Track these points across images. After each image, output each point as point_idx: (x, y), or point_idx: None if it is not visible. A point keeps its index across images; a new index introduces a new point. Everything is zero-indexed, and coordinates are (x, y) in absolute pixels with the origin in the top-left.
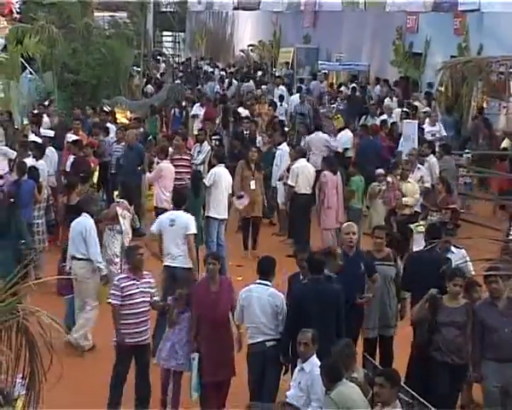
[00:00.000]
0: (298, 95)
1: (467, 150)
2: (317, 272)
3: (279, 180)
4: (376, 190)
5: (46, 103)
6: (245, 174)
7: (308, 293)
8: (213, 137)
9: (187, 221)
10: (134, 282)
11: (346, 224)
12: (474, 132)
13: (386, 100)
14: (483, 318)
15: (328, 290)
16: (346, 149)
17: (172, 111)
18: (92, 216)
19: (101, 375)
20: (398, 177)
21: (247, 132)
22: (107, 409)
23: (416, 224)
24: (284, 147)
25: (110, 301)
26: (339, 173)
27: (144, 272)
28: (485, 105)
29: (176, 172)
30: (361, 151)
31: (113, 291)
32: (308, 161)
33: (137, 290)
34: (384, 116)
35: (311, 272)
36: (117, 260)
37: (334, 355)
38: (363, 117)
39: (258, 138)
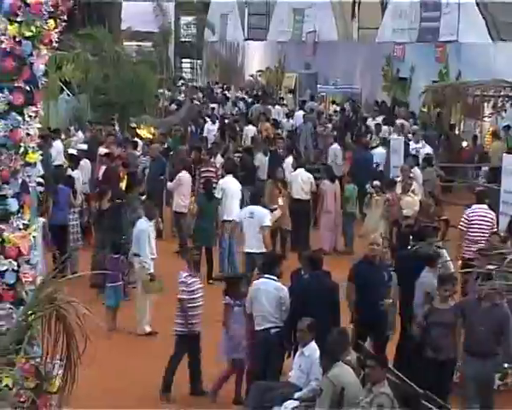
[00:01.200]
0: (301, 112)
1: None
2: (315, 268)
3: None
4: (373, 200)
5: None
6: (273, 193)
7: (308, 287)
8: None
9: (263, 215)
10: (196, 279)
11: (372, 236)
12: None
13: (369, 120)
14: (466, 315)
15: (325, 284)
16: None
17: (189, 128)
18: (151, 220)
19: (128, 358)
20: (399, 191)
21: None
22: (162, 392)
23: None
24: (288, 159)
25: (179, 296)
26: (337, 182)
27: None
28: (462, 124)
29: (203, 177)
30: (355, 163)
31: (181, 287)
32: None
33: (199, 286)
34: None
35: (311, 268)
36: None
37: (331, 341)
38: (355, 133)
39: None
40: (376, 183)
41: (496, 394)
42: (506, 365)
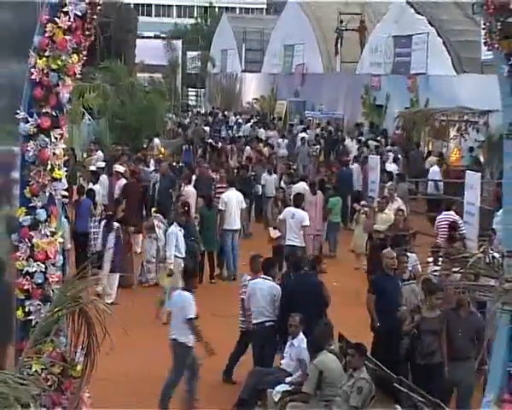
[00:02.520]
0: (303, 134)
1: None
2: (296, 269)
3: None
4: (360, 217)
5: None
6: (274, 211)
7: (295, 285)
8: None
9: (303, 217)
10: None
11: (387, 250)
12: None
13: (348, 140)
14: (448, 323)
15: (310, 282)
16: None
17: (184, 147)
18: (180, 225)
19: (141, 350)
20: (376, 208)
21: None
22: (224, 375)
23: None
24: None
25: (241, 296)
26: (319, 193)
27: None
28: (430, 144)
29: (217, 197)
30: (337, 178)
31: (243, 289)
32: None
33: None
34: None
35: (296, 270)
36: (153, 260)
37: (317, 332)
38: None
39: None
40: (363, 202)
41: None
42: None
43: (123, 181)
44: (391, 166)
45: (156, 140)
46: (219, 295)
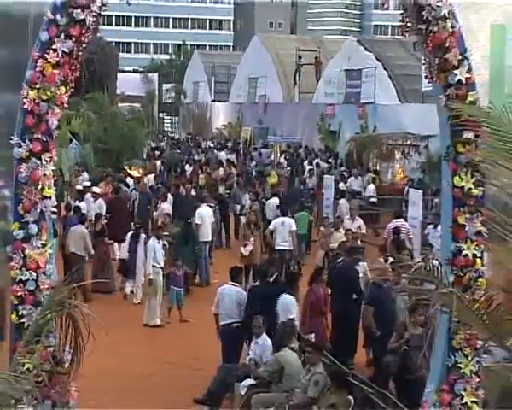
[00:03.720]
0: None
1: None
2: (261, 278)
3: None
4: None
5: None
6: (245, 233)
7: (259, 293)
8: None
9: (290, 223)
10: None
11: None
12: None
13: (305, 163)
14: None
15: (272, 290)
16: None
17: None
18: (158, 238)
19: (124, 346)
20: (332, 228)
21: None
22: None
23: None
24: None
25: None
26: None
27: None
28: (378, 165)
29: None
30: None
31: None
32: None
33: None
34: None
35: (258, 278)
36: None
37: (279, 332)
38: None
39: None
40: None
41: None
42: None
43: (100, 201)
44: (354, 183)
45: (135, 161)
46: (196, 299)
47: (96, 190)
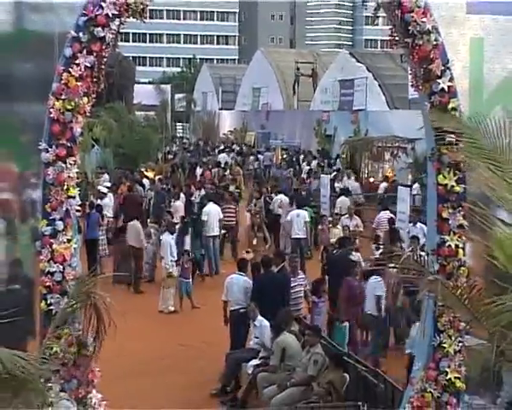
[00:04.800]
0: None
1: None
2: (265, 267)
3: None
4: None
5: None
6: (250, 234)
7: (263, 281)
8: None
9: (305, 215)
10: (293, 279)
11: None
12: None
13: (304, 164)
14: None
15: (276, 279)
16: None
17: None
18: (171, 233)
19: (141, 331)
20: (330, 225)
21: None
22: None
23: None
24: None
25: None
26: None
27: (299, 271)
28: (370, 166)
29: (225, 214)
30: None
31: None
32: None
33: (295, 283)
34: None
35: (263, 267)
36: (150, 261)
37: (278, 318)
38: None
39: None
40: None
41: None
42: None
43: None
44: (348, 183)
45: (150, 164)
46: (206, 287)
47: (103, 189)
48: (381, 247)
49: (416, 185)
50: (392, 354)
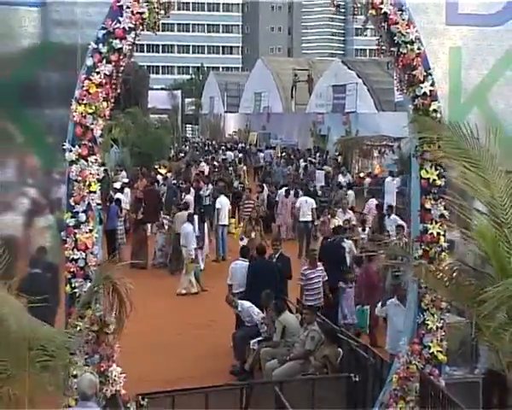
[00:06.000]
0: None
1: None
2: (260, 254)
3: None
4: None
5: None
6: (247, 228)
7: (256, 266)
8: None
9: (312, 202)
10: (312, 270)
11: None
12: None
13: (301, 161)
14: None
15: (268, 264)
16: None
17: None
18: (192, 223)
19: (157, 311)
20: (329, 216)
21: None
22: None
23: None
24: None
25: (298, 282)
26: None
27: (318, 263)
28: (360, 162)
29: (246, 208)
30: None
31: (301, 276)
32: None
33: (314, 275)
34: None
35: (257, 254)
36: (163, 249)
37: (277, 303)
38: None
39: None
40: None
41: None
42: None
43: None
44: (340, 178)
45: (163, 162)
46: (214, 272)
47: (117, 185)
48: (367, 228)
49: (396, 181)
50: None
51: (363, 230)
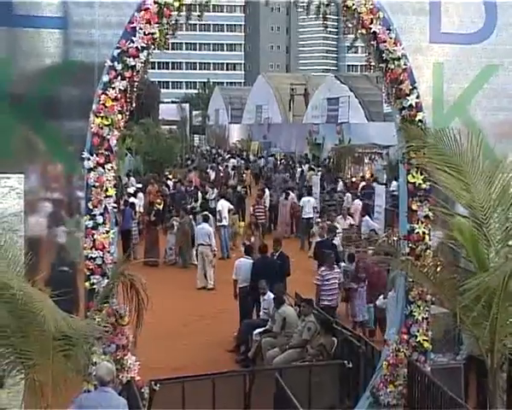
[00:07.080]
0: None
1: None
2: (262, 252)
3: None
4: (316, 231)
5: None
6: (247, 233)
7: (259, 263)
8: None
9: (314, 201)
10: (329, 271)
11: None
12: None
13: (303, 166)
14: None
15: (270, 262)
16: None
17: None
18: (206, 221)
19: (169, 305)
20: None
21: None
22: None
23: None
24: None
25: (314, 282)
26: (289, 198)
27: (335, 266)
28: (352, 168)
29: (257, 211)
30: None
31: (317, 276)
32: None
33: (331, 276)
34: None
35: (260, 253)
36: (173, 247)
37: (278, 293)
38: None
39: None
40: (319, 220)
41: None
42: None
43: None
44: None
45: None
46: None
47: (130, 190)
48: (350, 218)
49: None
50: None
51: (351, 225)
